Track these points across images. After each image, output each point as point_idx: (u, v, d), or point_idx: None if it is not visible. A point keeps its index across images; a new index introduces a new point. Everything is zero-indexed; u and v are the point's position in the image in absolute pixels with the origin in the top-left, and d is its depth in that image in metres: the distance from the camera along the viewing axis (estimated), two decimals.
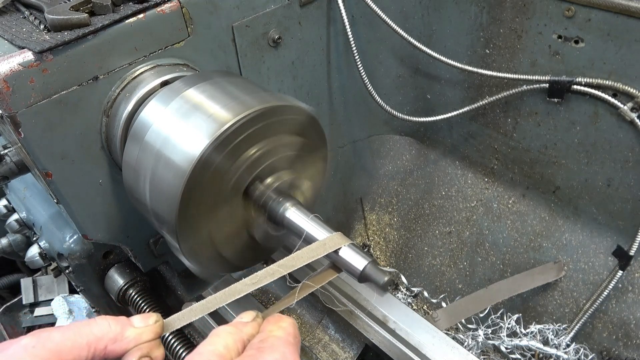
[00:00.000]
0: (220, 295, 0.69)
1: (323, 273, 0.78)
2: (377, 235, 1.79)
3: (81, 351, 0.56)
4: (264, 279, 0.71)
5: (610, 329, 1.35)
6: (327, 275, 0.78)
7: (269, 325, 0.63)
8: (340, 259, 0.75)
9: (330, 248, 0.75)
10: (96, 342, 0.57)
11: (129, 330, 0.60)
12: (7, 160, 1.01)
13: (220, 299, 0.68)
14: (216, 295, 0.69)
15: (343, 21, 1.26)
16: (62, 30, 0.82)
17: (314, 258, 0.74)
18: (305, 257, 0.73)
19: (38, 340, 0.54)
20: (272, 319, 0.64)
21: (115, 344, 0.59)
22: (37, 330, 0.56)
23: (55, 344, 0.55)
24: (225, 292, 0.69)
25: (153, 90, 0.88)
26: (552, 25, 1.18)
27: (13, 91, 0.77)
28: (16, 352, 0.53)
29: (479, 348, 1.34)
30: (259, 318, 0.65)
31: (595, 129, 1.24)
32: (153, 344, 0.62)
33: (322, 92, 1.40)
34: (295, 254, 0.74)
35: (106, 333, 0.59)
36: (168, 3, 0.91)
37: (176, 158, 0.74)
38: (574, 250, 1.41)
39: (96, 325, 0.59)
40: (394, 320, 1.06)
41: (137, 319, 0.62)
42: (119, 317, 0.61)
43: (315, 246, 0.75)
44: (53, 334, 0.56)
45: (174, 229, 0.76)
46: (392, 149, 1.74)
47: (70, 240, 1.19)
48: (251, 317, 0.65)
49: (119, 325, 0.60)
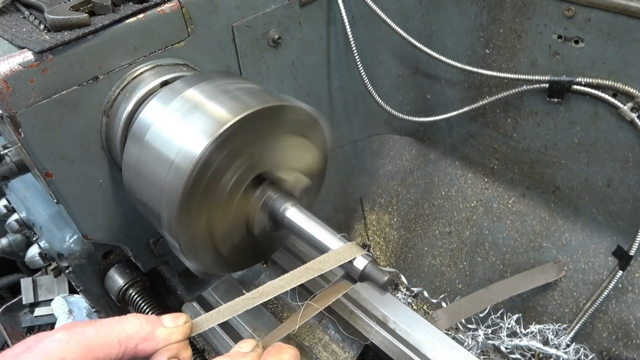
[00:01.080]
0: (249, 297, 0.68)
1: (335, 286, 0.77)
2: (377, 235, 1.80)
3: (112, 348, 0.56)
4: (293, 281, 0.70)
5: (610, 329, 1.35)
6: (339, 289, 0.77)
7: (269, 357, 0.61)
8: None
9: (345, 258, 0.74)
10: (127, 340, 0.58)
11: (160, 329, 0.60)
12: (7, 160, 1.01)
13: (250, 301, 0.67)
14: (245, 296, 0.68)
15: (343, 21, 1.26)
16: (62, 30, 0.82)
17: (333, 266, 0.73)
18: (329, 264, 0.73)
19: (72, 336, 0.55)
20: (272, 350, 0.62)
21: (145, 342, 0.59)
22: (71, 324, 0.57)
23: (88, 340, 0.55)
24: (254, 293, 0.68)
25: (153, 90, 0.88)
26: (552, 25, 1.18)
27: (13, 91, 0.77)
28: (50, 346, 0.54)
29: (479, 348, 1.34)
30: (258, 348, 0.63)
31: (595, 129, 1.24)
32: (182, 345, 0.62)
33: (322, 92, 1.40)
34: (319, 258, 0.73)
35: (138, 331, 0.59)
36: (168, 3, 0.91)
37: (176, 158, 0.74)
38: (574, 250, 1.41)
39: (128, 323, 0.59)
40: (394, 320, 1.06)
41: (167, 319, 0.62)
42: (150, 316, 0.61)
43: (334, 254, 0.75)
44: (86, 330, 0.56)
45: (174, 229, 0.76)
46: (392, 149, 1.74)
47: (70, 240, 1.19)
48: (251, 346, 0.63)
49: (150, 324, 0.60)
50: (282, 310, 1.24)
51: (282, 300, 1.25)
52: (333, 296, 0.75)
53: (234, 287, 1.27)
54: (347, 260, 0.75)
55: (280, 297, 1.26)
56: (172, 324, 0.62)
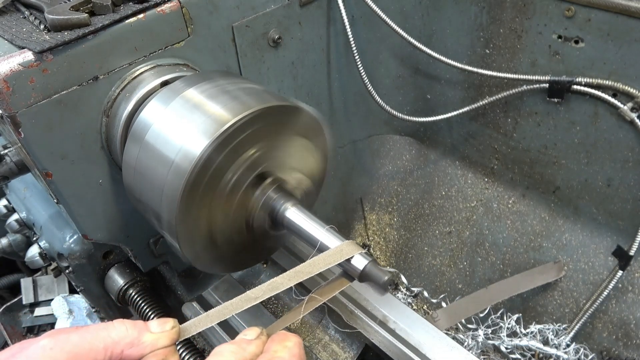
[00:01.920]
0: (237, 302, 0.67)
1: (333, 283, 0.77)
2: (377, 235, 1.80)
3: (98, 354, 0.56)
4: (281, 286, 0.70)
5: (610, 329, 1.35)
6: (337, 285, 0.77)
7: (273, 344, 0.61)
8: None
9: (343, 256, 0.74)
10: (113, 345, 0.57)
11: (146, 335, 0.60)
12: (7, 160, 1.01)
13: (236, 305, 0.67)
14: (232, 301, 0.68)
15: (343, 21, 1.26)
16: (62, 30, 0.82)
17: (331, 265, 0.73)
18: (324, 263, 0.73)
19: (56, 342, 0.54)
20: (277, 338, 0.62)
21: (132, 348, 0.58)
22: (56, 331, 0.56)
23: (73, 346, 0.55)
24: (241, 298, 0.68)
25: (153, 90, 0.88)
26: (552, 25, 1.18)
27: (13, 91, 0.77)
28: (34, 353, 0.53)
29: (479, 348, 1.34)
30: (263, 335, 0.63)
31: (595, 129, 1.24)
32: (169, 350, 0.61)
33: (322, 92, 1.40)
34: (312, 259, 0.73)
35: (123, 337, 0.58)
36: (168, 3, 0.91)
37: (176, 158, 0.74)
38: (574, 250, 1.41)
39: (114, 329, 0.58)
40: (394, 320, 1.06)
41: (154, 324, 0.62)
42: (136, 322, 0.61)
43: (332, 253, 0.74)
44: (71, 336, 0.56)
45: (174, 229, 0.76)
46: (392, 149, 1.74)
47: (70, 240, 1.19)
48: (255, 334, 0.63)
49: (136, 329, 0.59)
50: (282, 310, 1.24)
51: (282, 300, 1.25)
52: (332, 292, 0.75)
53: (234, 287, 1.27)
54: (343, 260, 0.74)
55: (280, 296, 1.26)
56: (159, 329, 0.61)
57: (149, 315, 1.18)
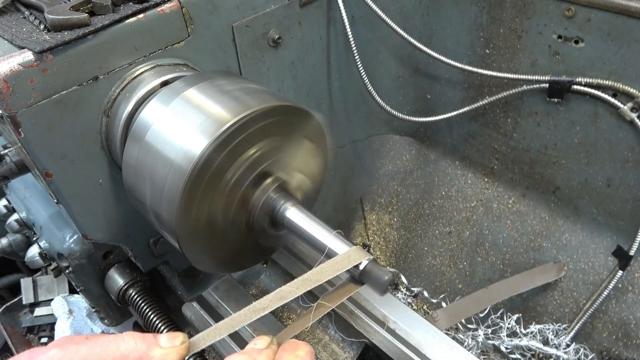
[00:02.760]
0: (245, 313, 0.67)
1: (342, 288, 0.76)
2: (377, 235, 1.80)
3: None
4: (289, 295, 0.69)
5: (610, 329, 1.35)
6: (346, 291, 0.76)
7: (285, 354, 0.61)
8: None
9: (351, 263, 0.74)
10: (121, 359, 0.57)
11: (155, 350, 0.59)
12: (7, 160, 1.01)
13: (245, 317, 0.66)
14: (240, 312, 0.67)
15: (343, 21, 1.26)
16: (62, 30, 0.82)
17: (339, 271, 0.72)
18: (332, 270, 0.72)
19: (65, 354, 0.54)
20: (287, 347, 0.62)
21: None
22: (65, 340, 0.56)
23: (81, 359, 0.55)
24: (249, 309, 0.67)
25: (153, 90, 0.88)
26: (552, 25, 1.18)
27: (13, 91, 0.77)
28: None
29: (479, 348, 1.34)
30: (273, 345, 0.63)
31: (595, 129, 1.24)
32: None
33: (322, 92, 1.40)
34: (320, 266, 0.72)
35: (132, 351, 0.58)
36: (168, 3, 0.91)
37: (176, 158, 0.74)
38: (574, 250, 1.41)
39: (123, 343, 0.58)
40: (394, 320, 1.06)
41: (163, 339, 0.61)
42: (146, 335, 0.60)
43: (339, 259, 0.74)
44: (81, 348, 0.55)
45: (173, 229, 0.76)
46: (392, 149, 1.74)
47: (70, 240, 1.19)
48: (265, 343, 0.63)
49: (145, 344, 0.59)
50: (287, 315, 1.24)
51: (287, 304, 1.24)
52: (340, 298, 0.75)
53: (234, 287, 1.27)
54: (351, 266, 0.74)
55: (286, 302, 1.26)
56: (169, 344, 0.61)
57: (149, 315, 1.18)
